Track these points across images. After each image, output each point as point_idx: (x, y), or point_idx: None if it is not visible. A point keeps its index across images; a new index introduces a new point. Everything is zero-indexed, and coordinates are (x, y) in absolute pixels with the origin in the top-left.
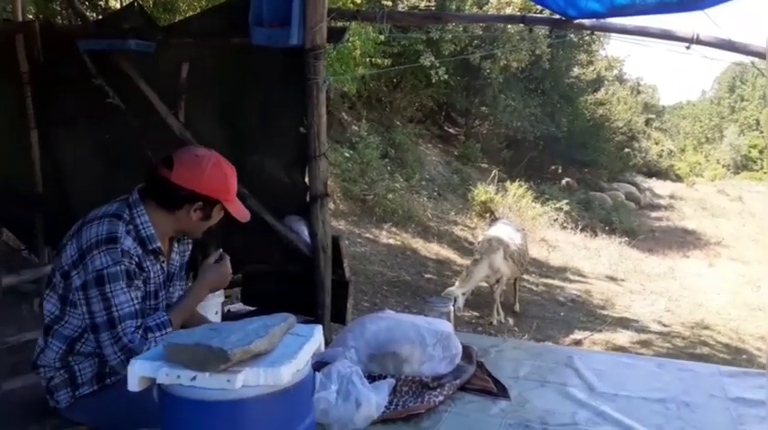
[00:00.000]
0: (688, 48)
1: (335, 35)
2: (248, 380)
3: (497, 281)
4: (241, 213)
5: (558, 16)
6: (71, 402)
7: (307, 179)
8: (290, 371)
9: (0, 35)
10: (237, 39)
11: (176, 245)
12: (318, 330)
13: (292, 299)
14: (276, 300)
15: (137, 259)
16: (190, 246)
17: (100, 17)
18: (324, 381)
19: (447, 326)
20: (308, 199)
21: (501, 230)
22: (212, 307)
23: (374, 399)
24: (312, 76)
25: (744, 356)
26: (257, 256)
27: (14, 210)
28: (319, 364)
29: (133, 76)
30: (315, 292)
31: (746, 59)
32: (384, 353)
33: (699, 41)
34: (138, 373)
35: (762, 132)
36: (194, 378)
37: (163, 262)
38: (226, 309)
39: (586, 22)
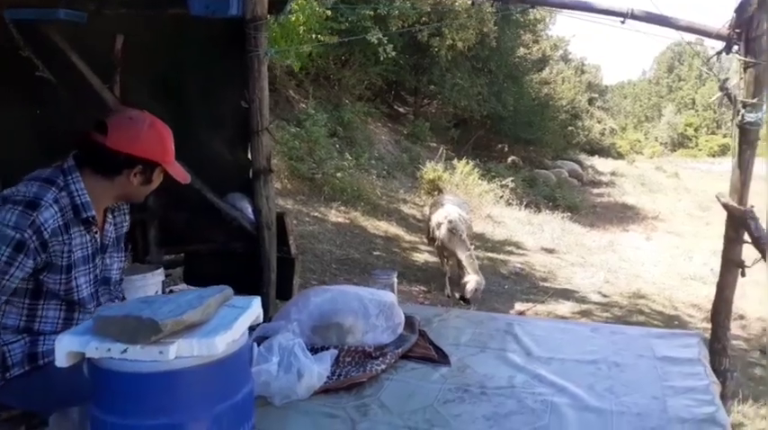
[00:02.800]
0: (623, 22)
1: (277, 6)
2: (181, 351)
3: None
4: (181, 175)
5: None
6: (1, 385)
7: (250, 155)
8: (224, 341)
9: None
10: (175, 9)
11: (111, 216)
12: (256, 302)
13: (237, 277)
14: (220, 279)
15: (51, 232)
16: (127, 218)
17: None
18: (265, 354)
19: (390, 297)
20: (251, 175)
21: (455, 208)
22: (152, 286)
23: (316, 370)
24: (253, 48)
25: (676, 323)
26: (199, 235)
27: None
28: (262, 338)
29: (64, 48)
30: (260, 270)
31: (684, 39)
32: (327, 325)
33: (633, 16)
34: (65, 348)
35: (697, 111)
36: (125, 350)
37: (95, 232)
38: (168, 289)
39: None
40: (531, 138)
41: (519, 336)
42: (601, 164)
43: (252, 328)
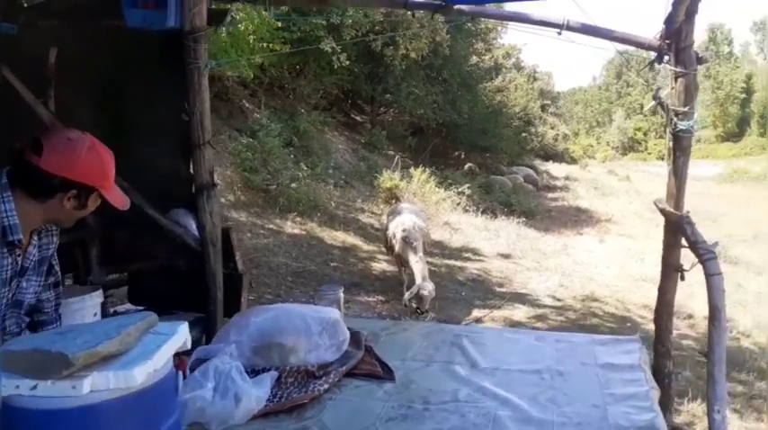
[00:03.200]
0: (559, 33)
1: (216, 17)
2: (96, 385)
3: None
4: (120, 201)
5: (439, 1)
6: None
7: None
8: (144, 372)
9: None
10: (111, 20)
11: (36, 237)
12: (182, 328)
13: (182, 295)
14: (165, 299)
15: None
16: (54, 239)
17: None
18: (200, 379)
19: (334, 314)
20: (193, 190)
21: (412, 216)
22: (90, 308)
23: (254, 394)
24: (192, 60)
25: (628, 324)
26: (143, 253)
27: None
28: (198, 363)
29: None
30: (206, 288)
31: (617, 49)
32: (269, 345)
33: (569, 28)
34: None
35: (645, 116)
36: (35, 387)
37: (18, 255)
38: (111, 310)
39: (465, 7)
40: (486, 144)
41: (466, 348)
42: (555, 169)
43: (189, 352)
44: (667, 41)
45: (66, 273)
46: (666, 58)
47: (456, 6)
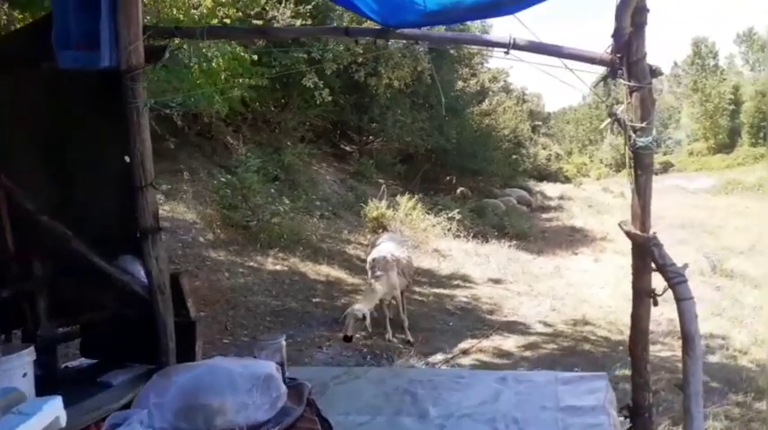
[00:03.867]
0: (507, 53)
1: (155, 54)
2: None
3: (393, 297)
4: None
5: (380, 27)
6: None
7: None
8: None
9: None
10: (47, 63)
11: None
12: (51, 405)
13: (134, 346)
14: (117, 350)
15: None
16: None
17: None
18: None
19: (267, 367)
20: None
21: (390, 246)
22: (18, 369)
23: None
24: (131, 100)
25: (621, 347)
26: (91, 303)
27: None
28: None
29: None
30: (157, 337)
31: (564, 65)
32: (192, 406)
33: (516, 46)
34: None
35: (604, 136)
36: None
37: None
38: (63, 365)
39: (408, 31)
40: (477, 168)
41: (418, 395)
42: (549, 189)
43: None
44: (618, 55)
45: (15, 329)
46: (620, 72)
47: (398, 30)
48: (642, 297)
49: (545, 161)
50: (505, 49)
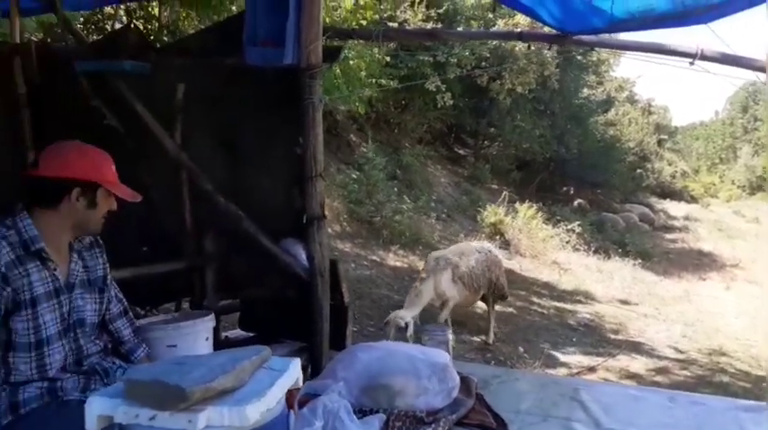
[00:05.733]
0: (692, 63)
1: (331, 54)
2: (211, 420)
3: (443, 305)
4: (128, 194)
5: (556, 32)
6: None
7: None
8: (257, 411)
9: None
10: (232, 59)
11: (77, 256)
12: (294, 364)
13: (290, 324)
14: (274, 326)
15: (5, 266)
16: (101, 261)
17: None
18: (308, 417)
19: (443, 357)
20: (304, 221)
21: (454, 250)
22: (202, 333)
23: None
24: (308, 96)
25: (765, 384)
26: (254, 280)
27: None
28: (307, 397)
29: (128, 98)
30: (312, 318)
31: (758, 78)
32: (376, 386)
33: (703, 57)
34: (95, 411)
35: None
36: (153, 417)
37: (54, 269)
38: (223, 335)
39: (585, 38)
40: (597, 180)
41: (586, 403)
42: (673, 208)
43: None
44: None
45: (184, 297)
46: None
47: (575, 37)
48: None
49: (669, 178)
50: (691, 60)
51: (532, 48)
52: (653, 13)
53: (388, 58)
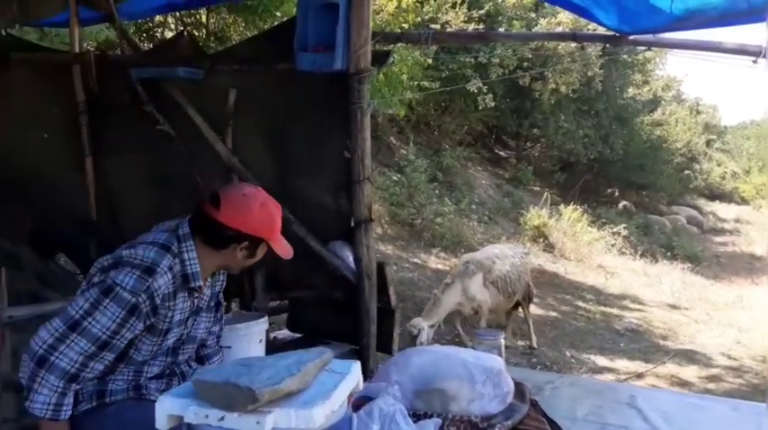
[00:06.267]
0: (755, 62)
1: (380, 58)
2: (279, 422)
3: (475, 311)
4: (284, 251)
5: (611, 33)
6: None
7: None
8: (323, 413)
9: (57, 65)
10: (282, 65)
11: (210, 279)
12: (356, 367)
13: (338, 326)
14: (321, 328)
15: (162, 297)
16: (223, 277)
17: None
18: (365, 420)
19: (497, 362)
20: (352, 224)
21: (486, 252)
22: (256, 334)
23: None
24: (356, 101)
25: None
26: (302, 282)
27: (70, 235)
28: (361, 400)
29: (182, 103)
30: (360, 320)
31: None
32: (430, 390)
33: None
34: (166, 411)
35: None
36: (222, 418)
37: (196, 297)
38: (272, 336)
39: (642, 37)
40: (643, 182)
41: (644, 411)
42: (722, 210)
43: None
44: None
45: (233, 298)
46: None
47: (632, 37)
48: None
49: (719, 179)
50: (754, 58)
51: (583, 48)
52: (713, 10)
53: (429, 61)
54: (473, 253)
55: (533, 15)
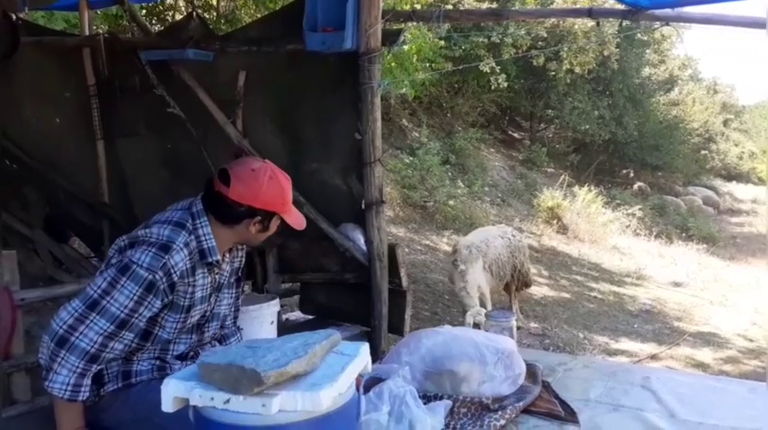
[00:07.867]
0: None
1: (390, 38)
2: (285, 405)
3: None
4: (297, 222)
5: (628, 7)
6: (94, 400)
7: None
8: (330, 396)
9: (68, 49)
10: (292, 45)
11: (228, 254)
12: (364, 349)
13: (349, 308)
14: (333, 309)
15: (179, 274)
16: (242, 253)
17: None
18: (375, 402)
19: (509, 343)
20: (363, 206)
21: (478, 235)
22: (267, 316)
23: (429, 422)
24: (367, 81)
25: None
26: (314, 264)
27: (83, 218)
28: (371, 381)
29: (192, 86)
30: (371, 302)
31: None
32: (440, 371)
33: None
34: (172, 393)
35: None
36: (228, 401)
37: (217, 273)
38: (284, 317)
39: (659, 12)
40: (659, 163)
41: (659, 393)
42: (739, 190)
43: None
44: None
45: (246, 281)
46: None
47: (649, 11)
48: None
49: (736, 159)
50: None
51: (598, 25)
52: None
53: (442, 42)
54: (466, 237)
55: None
